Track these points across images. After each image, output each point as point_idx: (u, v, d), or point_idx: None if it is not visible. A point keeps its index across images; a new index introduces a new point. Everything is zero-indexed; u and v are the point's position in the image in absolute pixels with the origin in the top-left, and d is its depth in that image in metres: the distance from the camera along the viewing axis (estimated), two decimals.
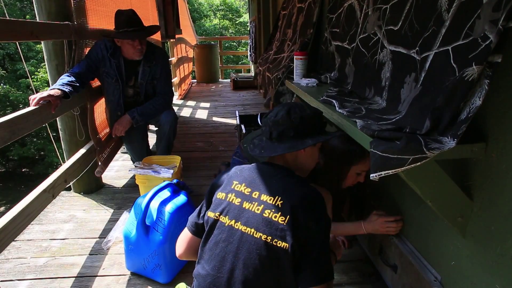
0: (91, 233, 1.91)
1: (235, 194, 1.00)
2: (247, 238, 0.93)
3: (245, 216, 0.95)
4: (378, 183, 1.51)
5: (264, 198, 0.95)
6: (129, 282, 1.53)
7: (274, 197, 0.94)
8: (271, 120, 1.06)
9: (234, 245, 0.94)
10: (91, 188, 2.38)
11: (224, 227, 0.97)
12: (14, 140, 1.44)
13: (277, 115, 1.05)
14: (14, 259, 1.69)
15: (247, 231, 0.93)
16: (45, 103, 1.64)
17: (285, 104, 1.09)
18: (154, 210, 1.44)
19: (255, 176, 1.02)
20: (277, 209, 0.92)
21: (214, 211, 1.01)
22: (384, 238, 1.45)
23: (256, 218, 0.93)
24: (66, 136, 2.22)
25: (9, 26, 1.45)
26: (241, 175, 1.04)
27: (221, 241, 0.97)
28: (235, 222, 0.96)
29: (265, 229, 0.91)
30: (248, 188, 0.99)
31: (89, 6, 2.19)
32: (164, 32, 4.40)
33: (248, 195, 0.98)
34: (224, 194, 1.01)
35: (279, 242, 0.89)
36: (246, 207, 0.96)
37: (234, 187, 1.01)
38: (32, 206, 1.51)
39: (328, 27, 1.99)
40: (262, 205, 0.94)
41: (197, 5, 18.27)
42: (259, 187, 0.98)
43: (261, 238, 0.91)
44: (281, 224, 0.90)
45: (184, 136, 3.66)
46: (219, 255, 0.96)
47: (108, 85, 2.23)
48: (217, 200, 1.02)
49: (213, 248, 0.98)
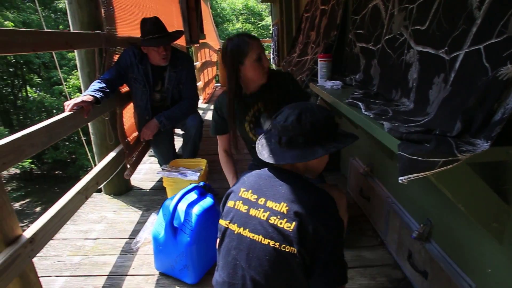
0: (121, 233, 1.98)
1: (242, 201, 1.00)
2: (256, 245, 0.93)
3: (252, 223, 0.95)
4: (402, 186, 1.48)
5: (270, 204, 0.95)
6: (158, 282, 1.58)
7: (280, 203, 0.93)
8: (280, 125, 1.02)
9: (244, 252, 0.95)
10: (121, 190, 2.46)
11: (233, 235, 0.98)
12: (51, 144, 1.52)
13: (286, 120, 1.01)
14: (52, 256, 1.78)
15: (255, 238, 0.94)
16: (79, 108, 1.71)
17: (295, 107, 1.04)
18: (182, 212, 1.47)
19: (261, 182, 1.02)
20: (283, 216, 0.91)
21: (225, 219, 1.02)
22: (413, 243, 1.42)
23: (262, 224, 0.93)
24: (97, 140, 2.32)
25: (47, 37, 1.53)
26: (248, 181, 1.05)
27: (232, 248, 0.98)
28: (243, 229, 0.96)
29: (273, 236, 0.91)
30: (255, 195, 0.99)
31: (118, 15, 2.29)
32: (188, 38, 4.50)
33: (254, 202, 0.98)
34: (233, 202, 1.03)
35: (287, 247, 0.89)
36: (252, 214, 0.96)
37: (241, 194, 1.02)
38: (67, 207, 1.58)
39: (353, 29, 1.97)
40: (268, 211, 0.94)
41: (219, 9, 18.53)
42: (265, 193, 0.98)
43: (269, 244, 0.91)
44: (287, 231, 0.90)
45: (209, 139, 3.70)
46: (231, 263, 0.97)
47: (136, 91, 2.31)
48: (227, 208, 1.04)
49: (225, 256, 1.00)
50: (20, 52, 1.33)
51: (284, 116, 1.03)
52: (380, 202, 1.81)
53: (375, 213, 1.91)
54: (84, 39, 1.91)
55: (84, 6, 2.04)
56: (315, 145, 1.00)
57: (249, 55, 1.50)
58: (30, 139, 1.32)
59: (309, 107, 1.03)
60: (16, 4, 11.50)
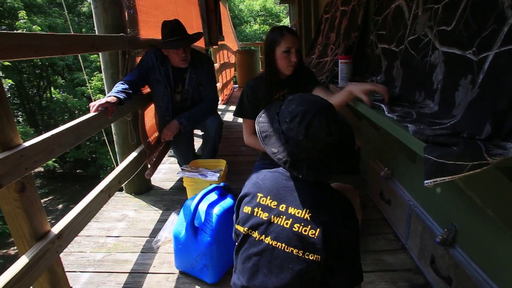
0: (142, 232, 2.01)
1: (261, 208, 0.98)
2: (279, 253, 0.92)
3: (274, 230, 0.94)
4: (425, 189, 1.45)
5: (292, 211, 0.93)
6: (178, 280, 1.60)
7: (302, 210, 0.92)
8: (310, 140, 0.93)
9: (266, 259, 0.94)
10: (141, 189, 2.51)
11: (254, 241, 0.97)
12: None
13: (330, 132, 0.92)
14: (76, 252, 1.83)
15: (278, 245, 0.93)
16: (103, 109, 1.76)
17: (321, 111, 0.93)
18: (203, 212, 1.49)
19: (279, 187, 0.99)
20: (307, 222, 0.90)
21: (242, 226, 1.00)
22: (436, 248, 1.39)
23: (285, 232, 0.92)
24: (119, 140, 2.37)
25: (76, 40, 1.59)
26: (265, 186, 1.01)
27: (252, 255, 0.97)
28: (264, 237, 0.95)
29: (297, 244, 0.90)
30: (274, 201, 0.97)
31: (140, 17, 2.34)
32: (207, 39, 4.55)
33: (275, 208, 0.96)
34: (250, 208, 1.00)
35: (311, 255, 0.89)
36: (274, 222, 0.94)
37: (259, 200, 0.99)
38: (91, 205, 1.63)
39: (374, 30, 1.94)
40: (291, 218, 0.93)
41: (237, 11, 18.63)
42: (285, 199, 0.96)
43: (292, 252, 0.91)
44: (312, 238, 0.89)
45: (227, 140, 3.74)
46: (251, 269, 0.97)
47: (157, 92, 2.35)
48: (243, 214, 1.01)
49: (245, 261, 0.99)
50: (51, 55, 1.38)
51: (324, 127, 0.92)
52: (401, 205, 1.78)
53: (396, 216, 1.88)
54: (109, 42, 1.96)
55: (109, 10, 2.10)
56: (341, 149, 0.99)
57: (280, 46, 1.66)
58: (58, 139, 1.37)
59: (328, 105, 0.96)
60: (43, 9, 11.92)
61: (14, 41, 1.14)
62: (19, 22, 9.98)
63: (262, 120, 1.08)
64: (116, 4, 2.12)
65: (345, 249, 0.90)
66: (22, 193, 1.20)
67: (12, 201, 1.18)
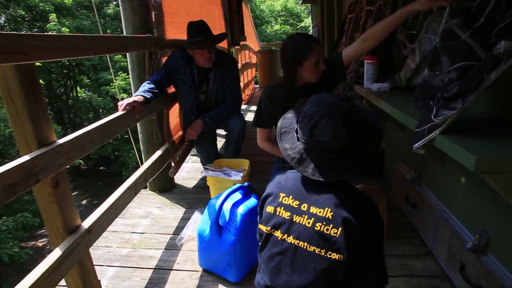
0: (166, 229, 2.05)
1: (283, 207, 0.99)
2: (301, 252, 0.93)
3: (296, 230, 0.95)
4: (454, 193, 1.41)
5: (314, 210, 0.94)
6: (201, 278, 1.62)
7: (324, 209, 0.92)
8: (329, 143, 0.93)
9: (289, 258, 0.95)
10: (165, 187, 2.56)
11: (277, 241, 0.98)
12: None
13: (336, 136, 0.92)
14: (103, 247, 1.89)
15: (300, 244, 0.93)
16: (131, 108, 1.80)
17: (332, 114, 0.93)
18: (227, 211, 1.50)
19: (301, 187, 1.00)
20: (328, 221, 0.90)
21: (265, 225, 1.02)
22: (466, 255, 1.34)
23: (307, 231, 0.93)
24: (144, 138, 2.43)
25: (106, 41, 1.64)
26: (287, 186, 1.02)
27: (275, 254, 0.98)
28: (287, 236, 0.96)
29: (319, 242, 0.90)
30: (296, 200, 0.98)
31: (166, 19, 2.38)
32: (230, 39, 4.58)
33: (297, 208, 0.97)
34: (272, 208, 1.01)
35: (333, 255, 0.88)
36: (296, 221, 0.95)
37: (282, 200, 1.00)
38: (119, 201, 1.67)
39: (403, 29, 1.90)
40: (313, 218, 0.93)
41: (258, 11, 18.65)
42: (307, 199, 0.97)
43: (314, 251, 0.91)
44: (334, 237, 0.89)
45: (249, 140, 3.74)
46: (275, 268, 0.98)
47: (182, 91, 2.39)
48: (266, 214, 1.03)
49: (268, 261, 1.00)
50: (83, 55, 1.43)
51: (329, 131, 0.92)
52: (428, 209, 1.74)
53: (422, 220, 1.84)
54: (137, 43, 2.01)
55: (137, 12, 2.15)
56: (359, 144, 0.97)
57: (309, 59, 1.62)
58: (89, 137, 1.42)
59: (346, 109, 0.95)
60: (71, 12, 12.35)
61: (52, 43, 1.18)
62: (49, 24, 10.38)
63: (288, 116, 1.10)
64: (144, 6, 2.17)
65: (367, 249, 0.89)
66: (56, 188, 1.24)
67: (47, 196, 1.23)
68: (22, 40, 1.03)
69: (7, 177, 0.98)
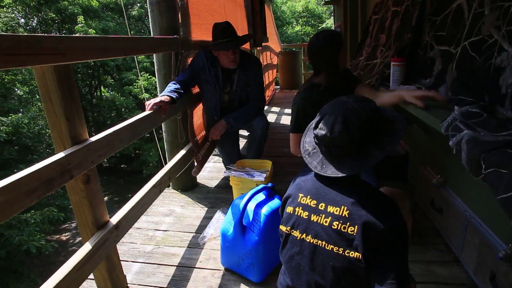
0: (188, 228, 2.08)
1: (302, 207, 1.00)
2: (320, 251, 0.93)
3: (314, 229, 0.95)
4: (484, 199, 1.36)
5: (331, 209, 0.94)
6: (223, 277, 1.64)
7: (340, 207, 0.93)
8: (328, 138, 0.96)
9: (308, 257, 0.95)
10: (187, 186, 2.60)
11: (296, 241, 0.99)
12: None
13: (332, 131, 0.94)
14: (128, 243, 1.94)
15: (318, 243, 0.94)
16: (157, 108, 1.84)
17: (336, 112, 0.97)
18: (251, 212, 1.51)
19: (318, 186, 1.01)
20: (345, 220, 0.91)
21: (285, 225, 1.04)
22: (498, 264, 1.30)
23: (325, 230, 0.93)
24: (169, 137, 2.47)
25: (136, 43, 1.68)
26: (305, 187, 1.04)
27: (295, 254, 0.99)
28: (305, 235, 0.97)
29: (336, 241, 0.91)
30: (314, 200, 0.99)
31: (192, 20, 2.42)
32: (252, 41, 4.61)
33: (314, 207, 0.98)
34: (292, 208, 1.03)
35: (351, 253, 0.88)
36: (314, 220, 0.96)
37: (300, 200, 1.02)
38: (144, 199, 1.71)
39: (431, 31, 1.86)
40: (330, 217, 0.93)
41: (279, 12, 18.64)
42: (324, 198, 0.97)
43: (332, 250, 0.91)
44: (351, 235, 0.89)
45: (270, 141, 3.74)
46: (295, 268, 0.99)
47: (207, 92, 2.42)
48: (286, 214, 1.05)
49: (288, 261, 1.01)
50: (115, 56, 1.48)
51: (327, 126, 0.96)
52: (455, 215, 1.69)
53: (448, 226, 1.79)
54: (164, 44, 2.06)
55: (164, 13, 2.19)
56: (369, 147, 0.96)
57: (343, 45, 1.75)
58: (118, 135, 1.46)
59: (351, 108, 0.96)
60: (98, 14, 12.76)
61: (88, 44, 1.23)
62: (77, 26, 10.76)
63: None
64: (171, 7, 2.21)
65: (386, 248, 0.88)
66: (87, 185, 1.29)
67: (78, 192, 1.28)
68: (61, 42, 1.08)
69: (45, 172, 1.02)
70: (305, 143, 1.09)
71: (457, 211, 1.66)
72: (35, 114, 9.46)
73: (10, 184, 0.91)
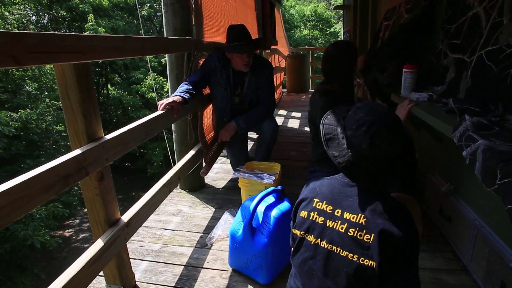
0: (196, 228, 2.09)
1: (317, 212, 1.00)
2: (334, 257, 0.93)
3: (330, 234, 0.95)
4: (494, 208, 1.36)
5: (347, 216, 0.94)
6: (231, 278, 1.64)
7: (357, 215, 0.92)
8: (357, 149, 0.95)
9: (321, 263, 0.95)
10: (195, 186, 2.61)
11: (310, 245, 0.99)
12: None
13: (380, 145, 0.92)
14: (136, 241, 1.95)
15: (333, 249, 0.93)
16: (170, 108, 1.86)
17: (384, 124, 0.94)
18: (260, 214, 1.52)
19: (335, 192, 1.01)
20: (362, 227, 0.90)
21: (298, 229, 1.03)
22: (508, 274, 1.29)
23: (340, 236, 0.93)
24: (178, 137, 2.49)
25: (152, 43, 1.70)
26: (321, 192, 1.03)
27: (308, 258, 0.98)
28: (320, 240, 0.96)
29: (352, 248, 0.90)
30: (330, 206, 0.98)
31: (205, 22, 2.44)
32: (262, 43, 4.62)
33: (330, 213, 0.97)
34: (306, 213, 1.02)
35: (366, 261, 0.88)
36: (329, 226, 0.96)
37: (315, 205, 1.01)
38: (154, 198, 1.73)
39: (445, 39, 1.86)
40: (346, 223, 0.93)
41: (288, 16, 18.68)
42: (340, 204, 0.97)
43: (347, 256, 0.91)
44: (367, 242, 0.88)
45: (277, 144, 3.75)
46: (308, 272, 0.98)
47: (217, 93, 2.44)
48: (300, 218, 1.04)
49: (301, 265, 1.00)
50: (132, 55, 1.50)
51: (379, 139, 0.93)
52: (464, 223, 1.68)
53: (456, 235, 1.78)
54: (178, 44, 2.07)
55: (178, 14, 2.22)
56: (401, 163, 0.96)
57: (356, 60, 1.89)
58: (132, 134, 1.48)
59: (391, 121, 0.96)
60: (108, 12, 12.87)
61: (107, 43, 1.25)
62: (87, 24, 10.86)
63: (328, 122, 1.10)
64: (185, 9, 2.23)
65: (400, 257, 0.88)
66: (101, 182, 1.31)
67: (92, 188, 1.30)
68: (81, 41, 1.10)
69: (62, 168, 1.04)
70: (337, 158, 1.02)
71: (466, 220, 1.65)
72: (43, 110, 9.54)
73: (29, 180, 0.93)
